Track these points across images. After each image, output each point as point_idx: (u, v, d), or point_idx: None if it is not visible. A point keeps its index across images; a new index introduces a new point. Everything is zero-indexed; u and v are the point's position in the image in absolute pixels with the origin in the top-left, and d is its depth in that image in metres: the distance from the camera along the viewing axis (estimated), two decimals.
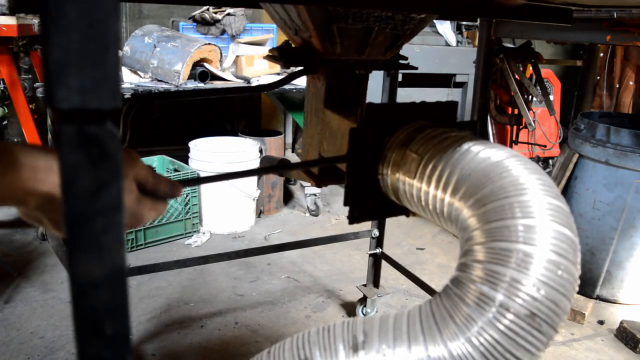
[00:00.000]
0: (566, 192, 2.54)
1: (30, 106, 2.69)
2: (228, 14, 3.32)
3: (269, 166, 1.25)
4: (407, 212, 0.98)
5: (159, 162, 3.11)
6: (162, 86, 2.79)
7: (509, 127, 3.25)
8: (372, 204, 0.96)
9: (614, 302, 2.47)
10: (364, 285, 2.27)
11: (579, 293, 2.48)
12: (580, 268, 0.64)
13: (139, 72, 2.89)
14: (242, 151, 3.07)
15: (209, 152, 3.00)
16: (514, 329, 0.59)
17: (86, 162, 0.36)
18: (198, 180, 2.47)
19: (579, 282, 0.63)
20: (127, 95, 2.60)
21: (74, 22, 0.33)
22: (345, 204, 0.93)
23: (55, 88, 0.34)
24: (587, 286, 2.49)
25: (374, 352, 0.61)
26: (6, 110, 2.62)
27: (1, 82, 2.56)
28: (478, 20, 2.56)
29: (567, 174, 2.50)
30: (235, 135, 3.43)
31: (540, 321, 0.59)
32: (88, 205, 0.37)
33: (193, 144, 3.08)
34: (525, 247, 0.61)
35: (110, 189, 0.37)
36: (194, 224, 2.98)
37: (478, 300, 0.61)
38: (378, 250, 2.22)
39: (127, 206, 0.60)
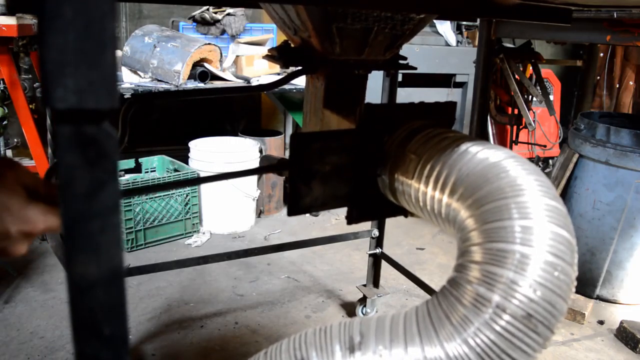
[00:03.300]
0: (566, 192, 2.54)
1: (30, 106, 2.69)
2: (228, 14, 3.32)
3: (268, 165, 1.25)
4: (405, 213, 0.98)
5: (159, 162, 3.11)
6: (162, 86, 2.79)
7: (509, 127, 3.25)
8: (370, 205, 0.96)
9: (614, 302, 2.47)
10: (364, 285, 2.27)
11: (579, 293, 2.47)
12: (577, 269, 0.64)
13: (139, 72, 2.89)
14: (242, 151, 3.07)
15: (209, 152, 3.00)
16: (510, 330, 0.59)
17: (83, 162, 0.36)
18: (197, 181, 2.47)
19: (575, 283, 0.63)
20: (127, 95, 2.60)
21: (70, 22, 0.33)
22: (288, 214, 0.93)
23: (52, 88, 0.34)
24: (587, 286, 2.48)
25: (371, 352, 0.61)
26: (6, 110, 2.62)
27: (1, 82, 2.56)
28: (478, 20, 2.56)
29: (567, 174, 2.50)
30: (235, 135, 3.43)
31: (536, 322, 0.59)
32: (85, 205, 0.37)
33: (193, 144, 3.08)
34: (522, 248, 0.61)
35: (108, 190, 0.37)
36: (194, 224, 2.98)
37: (474, 301, 0.61)
38: (378, 250, 2.21)
39: (13, 209, 0.55)
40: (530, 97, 2.83)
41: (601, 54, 4.51)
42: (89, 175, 0.37)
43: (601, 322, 2.31)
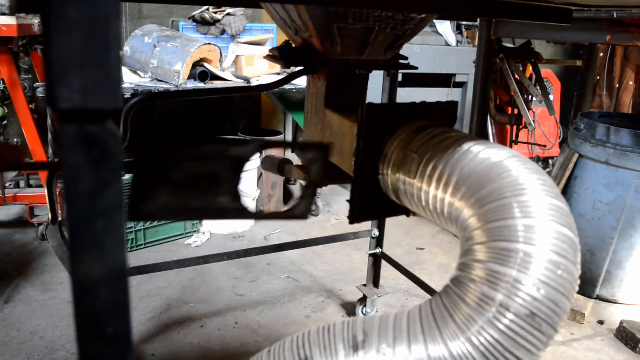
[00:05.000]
0: (566, 192, 2.54)
1: (30, 106, 2.69)
2: (228, 14, 3.32)
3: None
4: (407, 212, 0.98)
5: None
6: (162, 86, 2.79)
7: (509, 127, 3.25)
8: (372, 204, 0.96)
9: (614, 302, 2.47)
10: (364, 285, 2.27)
11: (579, 293, 2.47)
12: (580, 268, 0.64)
13: (139, 72, 2.89)
14: None
15: None
16: (514, 329, 0.59)
17: (87, 162, 0.36)
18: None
19: (579, 282, 0.63)
20: (127, 95, 2.60)
21: (75, 23, 0.33)
22: (129, 219, 0.78)
23: (57, 88, 0.34)
24: (587, 286, 2.49)
25: (374, 351, 0.61)
26: (6, 110, 2.62)
27: (1, 82, 2.56)
28: (478, 20, 2.56)
29: (567, 174, 2.51)
30: (235, 135, 3.43)
31: (540, 321, 0.59)
32: (89, 205, 0.37)
33: None
34: (526, 247, 0.61)
35: (112, 189, 0.37)
36: (194, 224, 2.98)
37: (478, 300, 0.61)
38: (378, 250, 2.21)
39: None
40: (530, 97, 2.83)
41: (601, 54, 4.51)
42: (93, 175, 0.37)
43: (601, 322, 2.31)
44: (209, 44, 2.93)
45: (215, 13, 3.31)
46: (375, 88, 1.89)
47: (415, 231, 3.23)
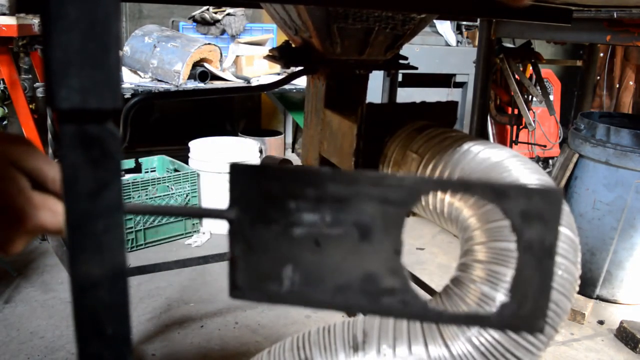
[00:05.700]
0: (566, 192, 2.54)
1: (30, 106, 2.69)
2: (228, 14, 3.32)
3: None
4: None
5: (159, 162, 3.11)
6: (162, 86, 2.79)
7: (509, 127, 3.25)
8: None
9: (614, 302, 2.47)
10: None
11: (579, 293, 2.47)
12: (580, 268, 0.64)
13: (139, 72, 2.89)
14: (242, 151, 3.07)
15: (209, 152, 3.00)
16: None
17: (87, 162, 0.36)
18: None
19: (579, 282, 0.63)
20: (127, 95, 2.60)
21: (74, 22, 0.33)
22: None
23: (56, 88, 0.33)
24: (587, 286, 2.49)
25: (374, 352, 0.61)
26: (6, 110, 2.62)
27: (1, 82, 2.56)
28: (478, 20, 2.56)
29: (567, 174, 2.50)
30: (235, 135, 3.43)
31: None
32: (88, 205, 0.37)
33: (193, 144, 3.08)
34: None
35: (111, 189, 0.37)
36: (194, 224, 2.98)
37: (479, 300, 0.61)
38: None
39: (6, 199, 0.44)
40: (530, 97, 2.83)
41: (601, 54, 4.51)
42: (93, 175, 0.37)
43: (601, 322, 2.31)
44: (209, 44, 2.93)
45: (215, 13, 3.31)
46: (375, 88, 1.89)
47: (415, 231, 3.23)
